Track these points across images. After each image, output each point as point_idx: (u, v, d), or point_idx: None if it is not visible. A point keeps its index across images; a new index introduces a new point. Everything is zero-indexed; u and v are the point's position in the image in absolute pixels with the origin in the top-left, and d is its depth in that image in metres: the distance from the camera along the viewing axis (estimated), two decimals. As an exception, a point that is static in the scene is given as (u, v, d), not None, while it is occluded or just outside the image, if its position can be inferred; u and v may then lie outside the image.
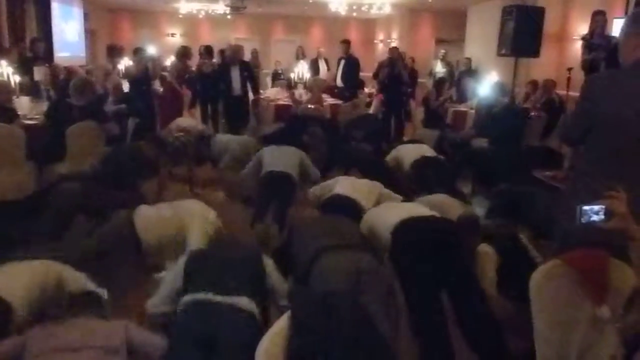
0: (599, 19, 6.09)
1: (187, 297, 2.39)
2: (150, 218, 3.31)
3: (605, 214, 1.64)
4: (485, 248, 3.04)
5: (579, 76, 6.19)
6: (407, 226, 2.77)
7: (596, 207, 1.65)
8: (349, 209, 3.89)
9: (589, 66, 5.96)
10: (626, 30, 2.37)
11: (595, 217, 1.65)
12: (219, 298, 2.33)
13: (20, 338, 2.11)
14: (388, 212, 3.06)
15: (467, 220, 3.49)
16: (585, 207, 1.65)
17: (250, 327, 2.28)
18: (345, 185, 4.17)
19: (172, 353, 2.20)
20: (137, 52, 7.60)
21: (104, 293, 2.53)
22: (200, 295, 2.35)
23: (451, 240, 2.74)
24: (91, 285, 2.56)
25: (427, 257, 2.62)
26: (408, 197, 4.53)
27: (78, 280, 2.59)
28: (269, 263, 2.69)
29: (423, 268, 2.60)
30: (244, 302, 2.34)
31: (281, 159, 4.61)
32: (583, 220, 1.65)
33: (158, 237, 3.24)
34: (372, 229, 3.12)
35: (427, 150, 5.32)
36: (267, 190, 4.42)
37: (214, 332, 2.21)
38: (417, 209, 3.09)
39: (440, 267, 2.62)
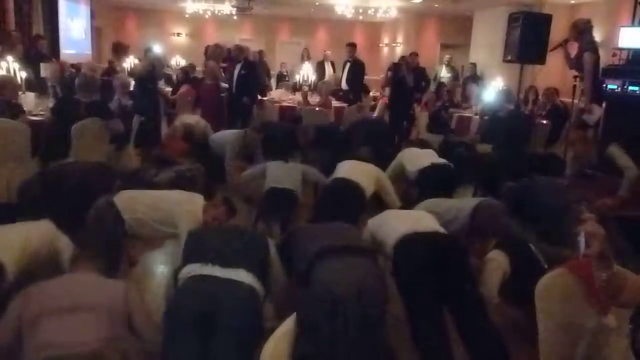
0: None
1: (185, 270, 2.38)
2: (132, 200, 3.34)
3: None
4: (494, 254, 3.05)
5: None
6: (409, 241, 2.77)
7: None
8: (350, 190, 4.01)
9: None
10: None
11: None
12: (217, 271, 2.30)
13: (13, 310, 2.08)
14: (391, 223, 3.04)
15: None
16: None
17: (249, 300, 2.26)
18: (345, 169, 4.43)
19: (169, 330, 2.18)
20: (147, 51, 7.63)
21: None
22: (198, 268, 2.33)
23: (453, 257, 2.75)
24: None
25: (429, 273, 2.62)
26: (406, 202, 4.57)
27: (70, 248, 2.74)
28: (272, 247, 2.68)
29: (424, 283, 2.61)
30: (243, 274, 2.31)
31: (285, 175, 4.69)
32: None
33: (140, 220, 3.27)
34: (374, 238, 3.11)
35: (433, 156, 5.30)
36: (270, 206, 4.51)
37: (211, 308, 2.19)
38: (421, 221, 3.06)
39: (442, 282, 2.63)
